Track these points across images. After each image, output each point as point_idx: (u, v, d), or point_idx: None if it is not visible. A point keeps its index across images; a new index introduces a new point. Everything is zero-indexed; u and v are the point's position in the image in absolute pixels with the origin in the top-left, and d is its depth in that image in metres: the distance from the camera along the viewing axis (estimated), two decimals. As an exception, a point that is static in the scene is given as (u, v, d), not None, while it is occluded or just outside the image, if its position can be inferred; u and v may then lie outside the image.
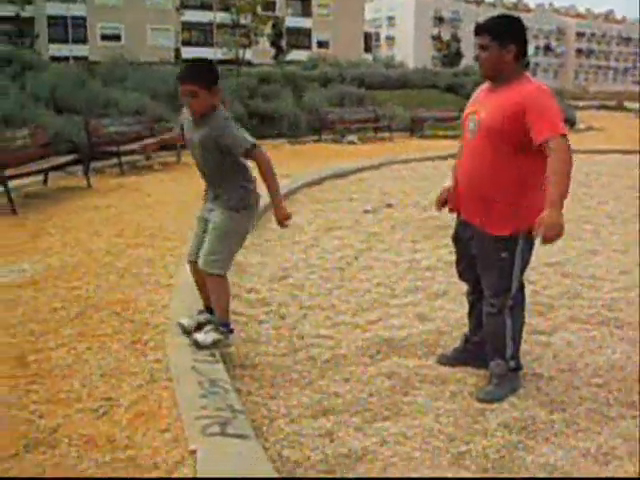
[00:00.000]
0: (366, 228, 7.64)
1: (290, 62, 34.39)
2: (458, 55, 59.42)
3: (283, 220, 3.96)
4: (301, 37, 61.58)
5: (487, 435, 3.26)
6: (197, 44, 56.54)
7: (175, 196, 9.19)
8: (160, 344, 4.11)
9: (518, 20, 3.48)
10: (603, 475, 2.94)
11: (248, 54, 36.98)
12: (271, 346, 4.27)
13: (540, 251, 6.52)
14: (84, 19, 53.43)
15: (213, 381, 3.52)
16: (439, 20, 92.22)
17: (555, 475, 2.94)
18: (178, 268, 5.63)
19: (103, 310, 4.71)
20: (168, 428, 3.15)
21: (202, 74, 3.81)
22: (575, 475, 2.94)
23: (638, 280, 5.78)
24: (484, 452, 3.11)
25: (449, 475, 2.92)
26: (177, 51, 50.20)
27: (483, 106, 3.53)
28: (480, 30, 3.47)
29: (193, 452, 2.91)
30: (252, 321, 4.68)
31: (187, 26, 57.20)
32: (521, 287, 3.66)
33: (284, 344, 4.30)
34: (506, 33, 3.41)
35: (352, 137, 17.40)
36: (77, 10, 52.97)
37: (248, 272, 5.82)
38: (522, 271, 3.59)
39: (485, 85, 3.66)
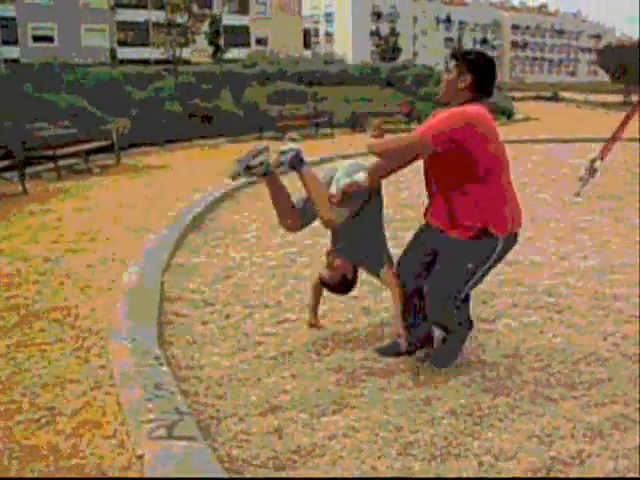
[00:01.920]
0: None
1: (229, 60, 34.18)
2: (397, 50, 59.93)
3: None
4: (239, 35, 61.15)
5: (434, 423, 3.31)
6: (133, 44, 55.56)
7: (114, 199, 9.03)
8: (103, 350, 4.04)
9: (487, 58, 3.72)
10: (551, 455, 3.01)
11: (186, 53, 36.49)
12: (217, 346, 4.25)
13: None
14: (14, 19, 51.87)
15: (158, 384, 3.48)
16: (377, 15, 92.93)
17: (499, 457, 3.00)
18: (120, 272, 5.54)
19: (43, 318, 4.60)
20: (114, 434, 3.11)
21: None
22: (520, 456, 3.01)
23: (576, 265, 5.95)
24: (431, 440, 3.15)
25: (397, 465, 2.95)
26: (113, 51, 49.29)
27: None
28: (452, 55, 3.74)
29: (140, 457, 2.87)
30: (197, 322, 4.64)
31: (122, 26, 56.16)
32: None
33: (230, 344, 4.28)
34: (468, 63, 3.62)
35: (293, 134, 17.37)
36: (5, 10, 51.37)
37: (191, 273, 5.77)
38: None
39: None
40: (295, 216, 4.19)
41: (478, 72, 3.63)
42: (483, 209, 3.60)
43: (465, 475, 2.88)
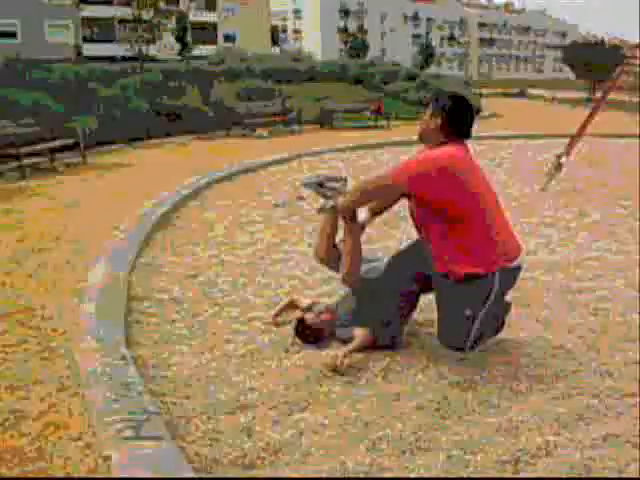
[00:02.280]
0: (278, 222, 7.64)
1: (196, 57, 33.92)
2: (364, 47, 60.02)
3: None
4: (207, 31, 60.72)
5: (402, 418, 3.32)
6: (99, 40, 54.84)
7: (80, 198, 8.92)
8: (69, 351, 3.98)
9: (457, 99, 3.85)
10: (518, 447, 3.04)
11: (152, 50, 36.18)
12: (185, 345, 4.21)
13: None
14: (-27, 15, 50.78)
15: (125, 384, 3.44)
16: (345, 12, 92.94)
17: (467, 450, 3.03)
18: (85, 271, 5.48)
19: (7, 319, 4.52)
20: (80, 436, 3.06)
21: None
22: (487, 448, 3.03)
23: (544, 260, 6.02)
24: (400, 435, 3.16)
25: (367, 461, 2.96)
26: (78, 48, 48.60)
27: None
28: (431, 97, 3.98)
29: (107, 458, 2.84)
30: (164, 321, 4.60)
31: (87, 22, 55.36)
32: None
33: (198, 342, 4.25)
34: (439, 105, 3.76)
35: (262, 131, 17.34)
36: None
37: (159, 272, 5.71)
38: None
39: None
40: (332, 255, 4.29)
41: (447, 114, 3.71)
42: (469, 252, 3.64)
43: (434, 469, 2.89)
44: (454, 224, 3.63)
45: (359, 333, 4.07)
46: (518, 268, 3.85)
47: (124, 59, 32.02)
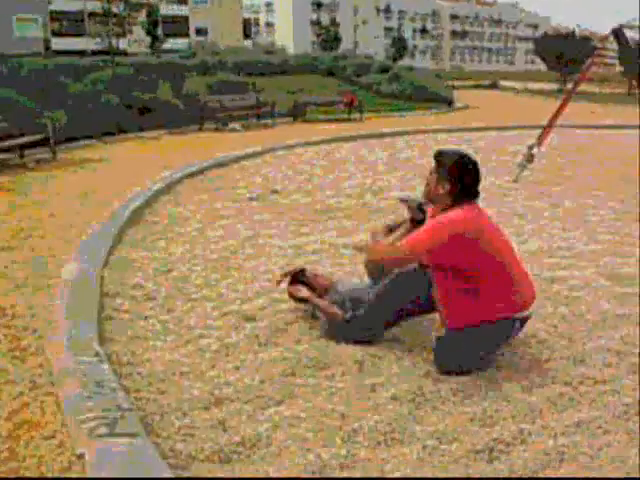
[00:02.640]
0: (251, 216, 7.61)
1: (168, 51, 33.67)
2: (337, 39, 59.98)
3: None
4: (178, 25, 60.23)
5: (378, 409, 3.33)
6: (68, 34, 54.12)
7: (50, 194, 8.80)
8: (41, 349, 3.93)
9: (466, 162, 3.74)
10: (493, 436, 3.07)
11: (123, 44, 35.86)
12: (159, 341, 4.18)
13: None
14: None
15: (99, 382, 3.41)
16: (317, 5, 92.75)
17: (442, 440, 3.05)
18: (57, 268, 5.41)
19: (-23, 318, 4.45)
20: (53, 435, 3.03)
21: None
22: (462, 438, 3.06)
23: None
24: (376, 426, 3.17)
25: (342, 453, 2.96)
26: (47, 42, 47.89)
27: None
28: (435, 155, 3.77)
29: (80, 456, 2.81)
30: (138, 317, 4.56)
31: (56, 15, 54.60)
32: None
33: (172, 338, 4.22)
34: (446, 170, 3.65)
35: (235, 125, 17.26)
36: None
37: (132, 268, 5.66)
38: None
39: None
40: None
41: (456, 181, 3.64)
42: (487, 306, 3.64)
43: (409, 459, 2.91)
44: (472, 282, 3.63)
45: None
46: (529, 316, 3.86)
47: (94, 53, 31.67)
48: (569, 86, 17.06)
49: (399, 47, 62.00)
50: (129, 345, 4.10)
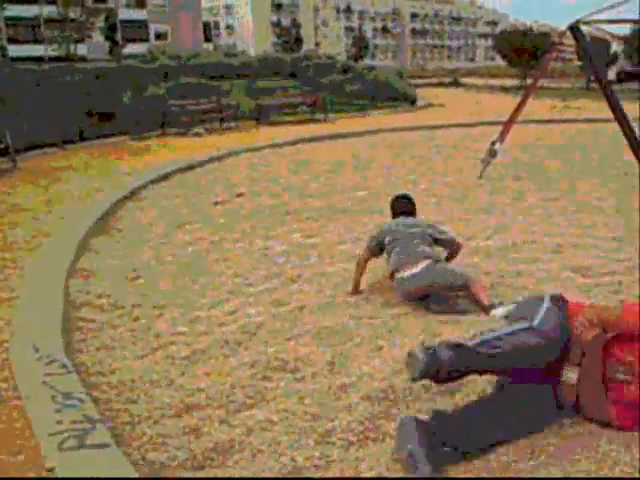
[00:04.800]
0: (217, 220, 7.57)
1: (128, 56, 33.32)
2: (298, 40, 60.03)
3: None
4: (137, 29, 59.53)
5: (350, 409, 3.33)
6: (24, 41, 53.14)
7: (11, 204, 8.65)
8: (5, 362, 3.87)
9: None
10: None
11: (82, 49, 35.41)
12: (127, 350, 4.14)
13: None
14: None
15: (67, 394, 3.36)
16: (277, 6, 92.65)
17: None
18: (20, 280, 5.32)
19: (-62, 333, 4.36)
20: (21, 450, 2.99)
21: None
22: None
23: (481, 245, 6.13)
24: (349, 426, 3.17)
25: (316, 454, 2.96)
26: (2, 49, 47.03)
27: None
28: None
29: (50, 470, 2.77)
30: (105, 326, 4.51)
31: (11, 22, 53.52)
32: None
33: (140, 346, 4.19)
34: None
35: (198, 129, 17.14)
36: None
37: (97, 276, 5.59)
38: None
39: None
40: None
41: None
42: None
43: (383, 457, 2.92)
44: None
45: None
46: None
47: (52, 59, 31.18)
48: (529, 82, 17.28)
49: (360, 47, 62.22)
50: (97, 355, 4.05)
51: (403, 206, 5.46)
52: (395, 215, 5.44)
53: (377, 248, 5.14)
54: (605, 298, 4.69)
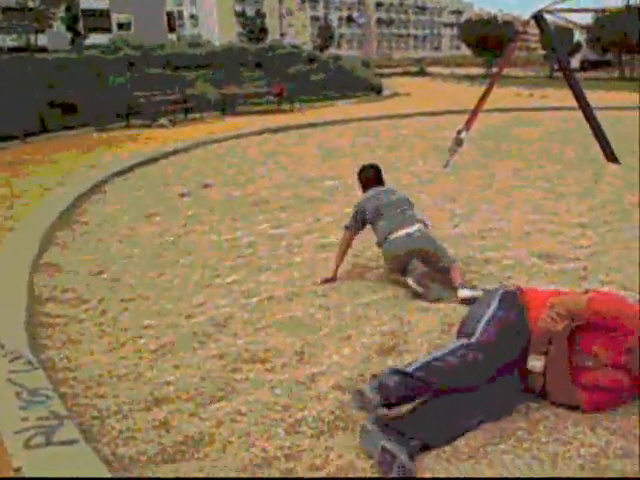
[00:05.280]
0: (184, 211, 7.51)
1: (90, 47, 32.76)
2: (263, 30, 59.64)
3: None
4: (99, 19, 58.53)
5: (320, 399, 3.34)
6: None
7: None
8: (-31, 360, 3.79)
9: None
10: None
11: (42, 40, 34.73)
12: (94, 344, 4.09)
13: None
14: None
15: (33, 390, 3.31)
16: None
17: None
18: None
19: None
20: (-14, 449, 2.93)
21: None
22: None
23: (447, 235, 6.17)
24: (319, 416, 3.18)
25: (287, 444, 2.96)
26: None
27: None
28: None
29: (18, 470, 2.72)
30: (72, 321, 4.45)
31: (-32, 13, 52.28)
32: None
33: (108, 340, 4.14)
34: None
35: (162, 120, 16.95)
36: None
37: (62, 271, 5.51)
38: None
39: None
40: None
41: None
42: None
43: (352, 446, 2.93)
44: None
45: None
46: None
47: (11, 50, 30.54)
48: (494, 70, 17.43)
49: (326, 36, 62.08)
50: (64, 350, 4.00)
51: (374, 176, 5.41)
52: (366, 187, 5.38)
53: (360, 224, 5.13)
54: (570, 284, 4.76)
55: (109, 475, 2.70)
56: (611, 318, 3.09)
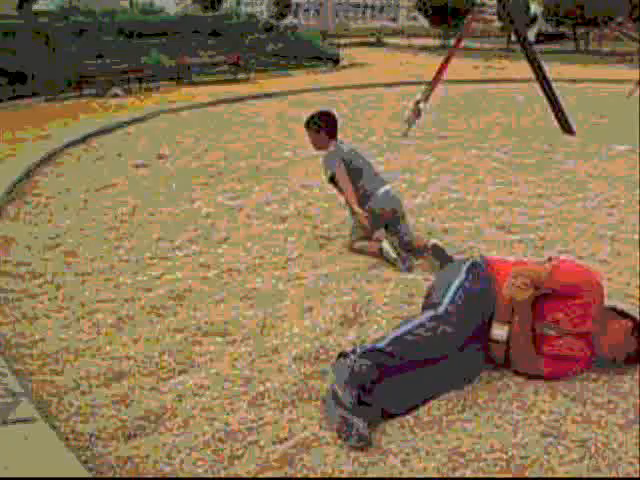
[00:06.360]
0: (139, 182, 7.35)
1: (38, 13, 31.72)
2: (218, -2, 58.45)
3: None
4: (47, -15, 56.77)
5: (283, 371, 3.32)
6: None
7: None
8: None
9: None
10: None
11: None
12: (50, 319, 3.99)
13: (317, 188, 6.75)
14: None
15: (-14, 368, 3.22)
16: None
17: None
18: None
19: None
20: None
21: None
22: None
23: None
24: (282, 388, 3.16)
25: (250, 417, 2.94)
26: None
27: None
28: None
29: (-28, 450, 2.65)
30: (25, 296, 4.33)
31: None
32: None
33: (64, 315, 4.04)
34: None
35: (116, 90, 16.54)
36: None
37: (14, 244, 5.35)
38: None
39: None
40: None
41: None
42: None
43: (315, 417, 2.92)
44: None
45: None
46: None
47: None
48: (452, 42, 17.43)
49: (282, 6, 61.21)
50: (18, 326, 3.89)
51: (335, 125, 5.10)
52: (330, 134, 5.05)
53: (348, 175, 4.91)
54: (530, 254, 4.82)
55: (69, 452, 2.64)
56: (573, 287, 3.12)
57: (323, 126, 5.06)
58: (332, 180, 4.99)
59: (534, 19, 42.95)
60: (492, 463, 2.61)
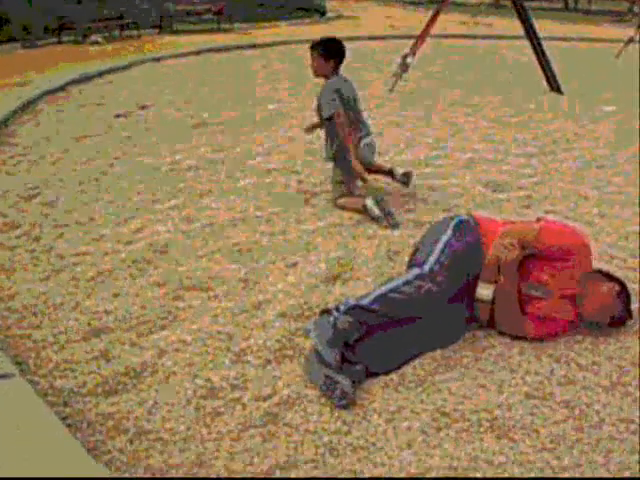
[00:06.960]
0: (120, 133, 7.19)
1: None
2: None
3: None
4: None
5: (266, 327, 3.28)
6: None
7: None
8: None
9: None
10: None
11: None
12: (28, 272, 3.91)
13: (302, 142, 6.62)
14: None
15: (-40, 322, 3.14)
16: None
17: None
18: None
19: None
20: None
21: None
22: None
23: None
24: (265, 344, 3.13)
25: (232, 374, 2.90)
26: None
27: None
28: None
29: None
30: (2, 248, 4.24)
31: None
32: None
33: (42, 268, 3.95)
34: None
35: (96, 37, 16.13)
36: None
37: (-9, 194, 5.23)
38: None
39: None
40: None
41: None
42: None
43: (299, 373, 2.89)
44: None
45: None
46: None
47: None
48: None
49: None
50: (-7, 278, 3.80)
51: (344, 57, 4.75)
52: (337, 65, 4.75)
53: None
54: (516, 213, 4.77)
55: (47, 408, 2.59)
56: (560, 248, 3.09)
57: (334, 55, 4.71)
58: (328, 119, 4.69)
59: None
60: (476, 423, 2.60)
